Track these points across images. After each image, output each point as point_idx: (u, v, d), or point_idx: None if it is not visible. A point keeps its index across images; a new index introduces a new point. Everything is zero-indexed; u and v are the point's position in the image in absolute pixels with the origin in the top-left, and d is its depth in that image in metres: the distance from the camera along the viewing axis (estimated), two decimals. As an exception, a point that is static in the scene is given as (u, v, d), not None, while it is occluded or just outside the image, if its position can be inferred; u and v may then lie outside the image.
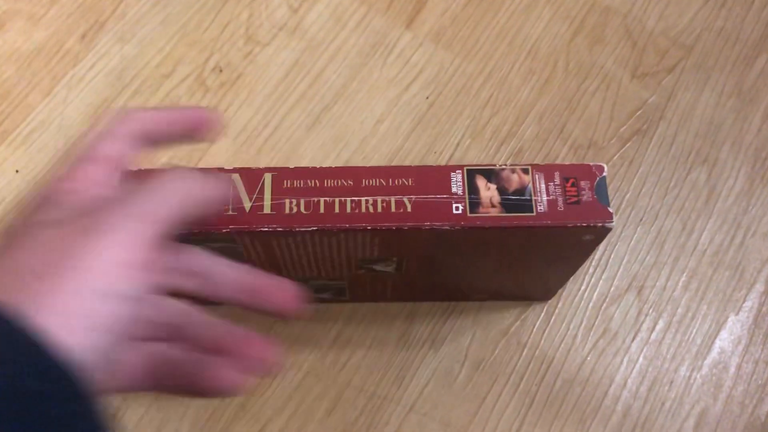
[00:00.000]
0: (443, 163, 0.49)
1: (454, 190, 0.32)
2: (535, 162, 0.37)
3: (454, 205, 0.32)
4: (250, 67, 0.51)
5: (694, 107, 0.52)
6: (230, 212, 0.32)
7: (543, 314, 0.45)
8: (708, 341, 0.45)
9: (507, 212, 0.32)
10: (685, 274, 0.47)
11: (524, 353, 0.44)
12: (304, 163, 0.49)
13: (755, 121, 0.51)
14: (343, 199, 0.32)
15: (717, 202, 0.49)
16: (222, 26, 0.53)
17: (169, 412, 0.42)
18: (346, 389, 0.43)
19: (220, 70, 0.51)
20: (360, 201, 0.32)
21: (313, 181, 0.33)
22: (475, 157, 0.49)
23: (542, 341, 0.45)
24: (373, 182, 0.33)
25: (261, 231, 0.32)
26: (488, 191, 0.32)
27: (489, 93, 0.51)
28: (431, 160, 0.49)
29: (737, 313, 0.46)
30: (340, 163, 0.49)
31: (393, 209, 0.32)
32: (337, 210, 0.32)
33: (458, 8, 0.54)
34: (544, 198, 0.32)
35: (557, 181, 0.32)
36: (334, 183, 0.33)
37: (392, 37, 0.53)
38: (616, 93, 0.52)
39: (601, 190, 0.32)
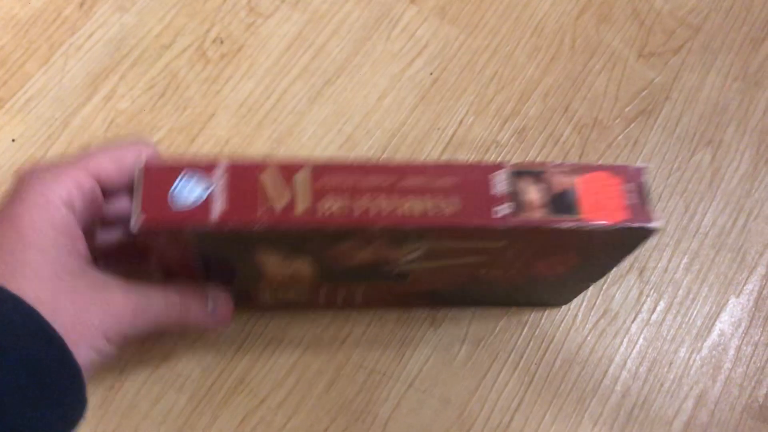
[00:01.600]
0: (446, 139, 0.48)
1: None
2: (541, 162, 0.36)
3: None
4: (251, 39, 0.51)
5: (700, 89, 0.51)
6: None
7: (544, 293, 0.45)
8: (708, 323, 0.45)
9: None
10: (686, 256, 0.47)
11: (524, 332, 0.44)
12: (306, 137, 0.48)
13: (761, 104, 0.51)
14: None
15: (720, 184, 0.49)
16: (223, -4, 0.52)
17: (167, 384, 0.42)
18: (346, 365, 0.43)
19: (221, 42, 0.50)
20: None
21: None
22: (479, 134, 0.49)
23: (543, 320, 0.45)
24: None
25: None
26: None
27: (494, 70, 0.51)
28: (434, 137, 0.48)
29: (738, 296, 0.46)
30: (342, 139, 0.48)
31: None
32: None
33: (464, -17, 0.53)
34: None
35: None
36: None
37: (397, 10, 0.52)
38: (621, 72, 0.51)
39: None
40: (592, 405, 0.43)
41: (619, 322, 0.45)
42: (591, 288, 0.45)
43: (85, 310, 0.30)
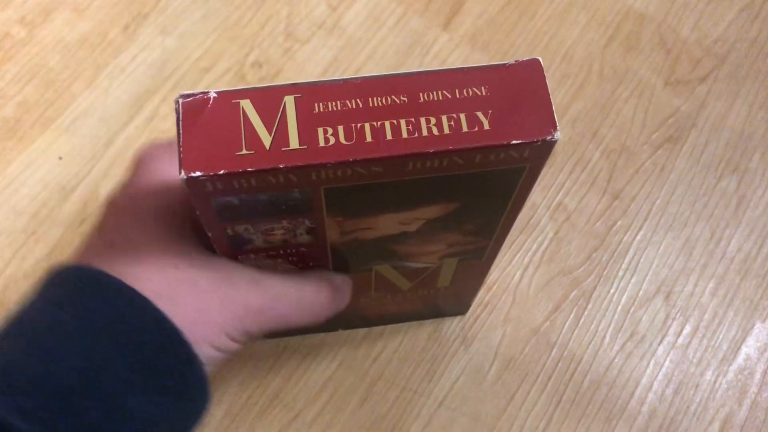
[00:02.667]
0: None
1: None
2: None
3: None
4: (289, 63, 0.52)
5: (726, 117, 0.52)
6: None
7: (572, 315, 0.46)
8: (734, 347, 0.46)
9: None
10: (712, 281, 0.48)
11: (553, 353, 0.45)
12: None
13: (786, 132, 0.52)
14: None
15: (746, 211, 0.49)
16: (262, 22, 0.54)
17: (205, 398, 0.43)
18: (378, 382, 0.44)
19: (260, 66, 0.52)
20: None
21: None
22: (509, 158, 0.50)
23: (571, 341, 0.46)
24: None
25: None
26: None
27: (523, 96, 0.52)
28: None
29: (764, 321, 0.47)
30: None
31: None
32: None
33: (495, 11, 0.55)
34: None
35: None
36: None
37: (429, 37, 0.54)
38: (649, 100, 0.52)
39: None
40: (619, 426, 0.44)
41: (646, 344, 0.46)
42: (618, 310, 0.46)
43: (206, 305, 0.27)
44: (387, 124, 0.24)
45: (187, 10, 0.54)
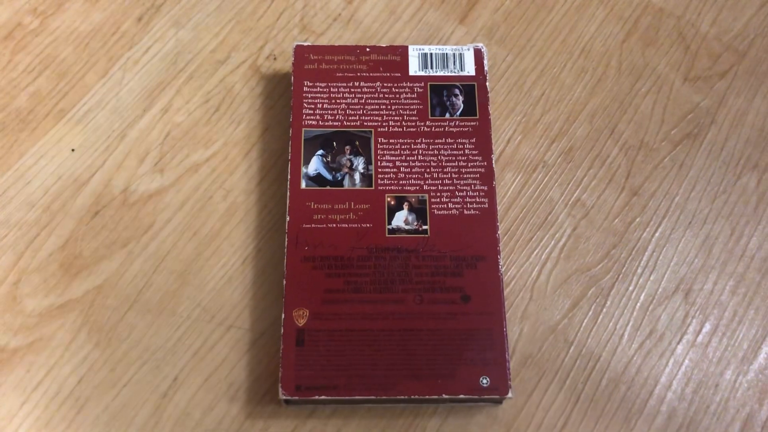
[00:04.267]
0: (494, 158, 0.49)
1: None
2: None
3: None
4: (304, 55, 0.52)
5: (746, 113, 0.52)
6: None
7: (591, 313, 0.46)
8: (754, 346, 0.45)
9: None
10: (732, 279, 0.47)
11: (571, 350, 0.45)
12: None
13: (807, 129, 0.51)
14: None
15: (766, 208, 0.49)
16: (277, 14, 0.53)
17: (219, 393, 0.42)
18: (394, 378, 0.43)
19: (275, 58, 0.52)
20: None
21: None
22: (527, 153, 0.49)
23: (589, 339, 0.45)
24: None
25: None
26: None
27: (541, 90, 0.51)
28: (482, 155, 0.49)
29: (784, 320, 0.46)
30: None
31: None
32: None
33: (512, 5, 0.54)
34: None
35: None
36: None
37: (446, 31, 0.53)
38: (668, 95, 0.52)
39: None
40: (638, 425, 0.43)
41: (665, 342, 0.45)
42: (637, 308, 0.46)
43: None
44: None
45: (200, 2, 0.53)
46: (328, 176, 0.45)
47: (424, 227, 0.44)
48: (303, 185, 0.45)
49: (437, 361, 0.41)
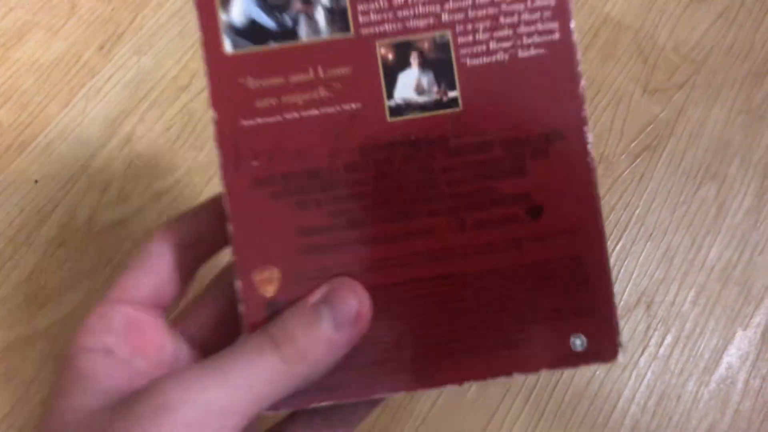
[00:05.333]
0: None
1: None
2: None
3: None
4: (265, 79, 0.52)
5: (704, 123, 0.52)
6: None
7: (553, 328, 0.46)
8: (716, 357, 0.46)
9: None
10: (693, 290, 0.48)
11: (534, 367, 0.45)
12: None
13: (765, 138, 0.52)
14: None
15: (726, 218, 0.49)
16: (238, 39, 0.53)
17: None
18: (359, 401, 0.44)
19: (236, 83, 0.52)
20: None
21: None
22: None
23: (552, 355, 0.45)
24: None
25: None
26: None
27: (501, 108, 0.52)
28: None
29: (745, 329, 0.47)
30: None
31: None
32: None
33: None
34: None
35: None
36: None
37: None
38: (627, 108, 0.52)
39: None
40: (602, 439, 0.44)
41: (627, 355, 0.46)
42: (599, 322, 0.46)
43: None
44: None
45: (162, 28, 0.53)
46: (269, 22, 0.26)
47: (451, 94, 0.26)
48: (228, 47, 0.26)
49: (497, 321, 0.26)
